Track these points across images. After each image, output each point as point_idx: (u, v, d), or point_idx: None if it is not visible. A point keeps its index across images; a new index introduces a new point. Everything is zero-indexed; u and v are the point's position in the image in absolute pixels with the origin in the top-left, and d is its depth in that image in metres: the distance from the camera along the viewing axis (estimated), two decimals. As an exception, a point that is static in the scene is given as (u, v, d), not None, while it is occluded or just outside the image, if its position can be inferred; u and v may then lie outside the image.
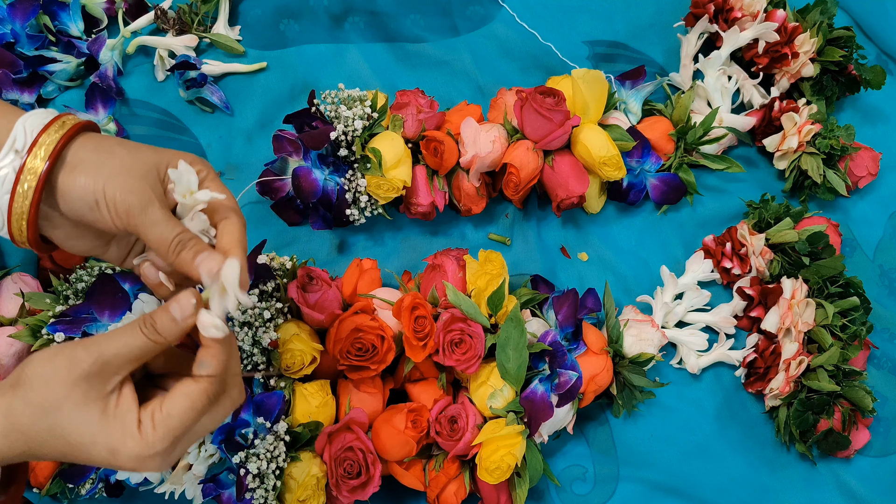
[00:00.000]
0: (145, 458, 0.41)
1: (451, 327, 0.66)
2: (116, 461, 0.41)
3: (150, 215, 0.44)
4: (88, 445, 0.40)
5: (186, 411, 0.42)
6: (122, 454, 0.41)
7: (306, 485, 0.62)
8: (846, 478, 0.76)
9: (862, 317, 0.75)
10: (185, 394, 0.42)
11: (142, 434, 0.41)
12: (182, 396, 0.42)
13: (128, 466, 0.41)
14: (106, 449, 0.41)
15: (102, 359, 0.41)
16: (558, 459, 0.75)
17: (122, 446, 0.40)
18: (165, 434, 0.41)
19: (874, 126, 0.87)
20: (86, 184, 0.43)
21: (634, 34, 0.87)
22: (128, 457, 0.41)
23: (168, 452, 0.42)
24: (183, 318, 0.42)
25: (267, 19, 0.82)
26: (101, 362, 0.40)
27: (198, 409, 0.42)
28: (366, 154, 0.70)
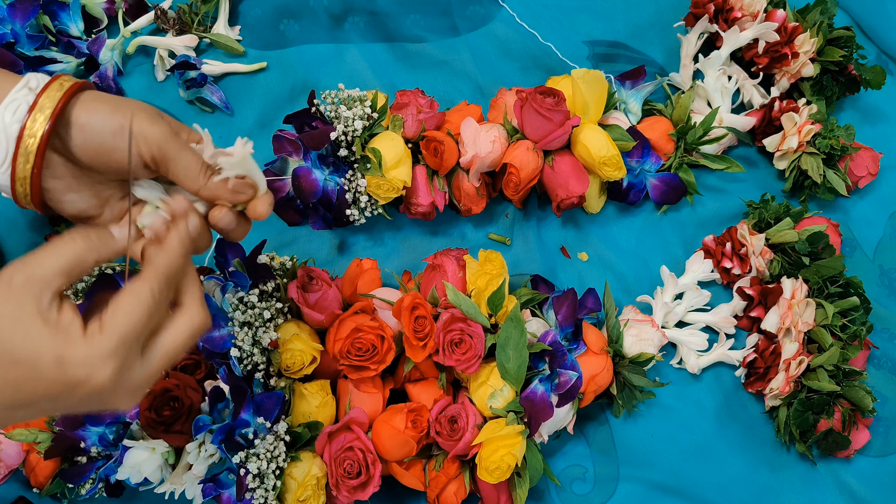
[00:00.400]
0: (95, 361, 0.38)
1: (451, 327, 0.66)
2: (66, 372, 0.38)
3: (180, 140, 0.44)
4: (34, 360, 0.38)
5: (132, 306, 0.40)
6: (70, 361, 0.38)
7: (306, 485, 0.62)
8: (846, 478, 0.76)
9: (862, 317, 0.75)
10: (130, 290, 0.41)
11: (87, 337, 0.39)
12: (127, 294, 0.41)
13: (79, 375, 0.38)
14: (53, 359, 0.38)
15: (30, 271, 0.39)
16: (558, 459, 0.75)
17: (67, 353, 0.38)
18: (112, 333, 0.39)
19: (874, 126, 0.87)
20: (111, 112, 0.44)
21: (634, 34, 0.87)
22: (76, 363, 0.38)
23: (118, 354, 0.39)
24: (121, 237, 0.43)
25: (267, 19, 0.82)
26: (29, 275, 0.39)
27: (144, 302, 0.40)
28: (366, 154, 0.70)
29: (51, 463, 0.65)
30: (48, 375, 0.38)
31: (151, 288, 0.41)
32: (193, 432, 0.61)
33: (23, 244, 0.73)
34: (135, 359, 0.41)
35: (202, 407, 0.63)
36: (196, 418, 0.62)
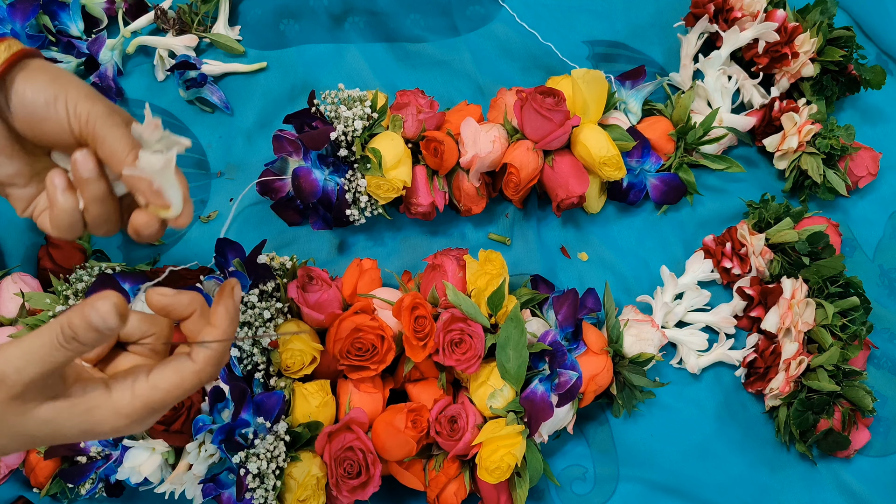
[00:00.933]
0: (121, 427, 0.39)
1: (451, 327, 0.66)
2: (93, 435, 0.39)
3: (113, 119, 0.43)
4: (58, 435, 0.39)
5: (174, 388, 0.40)
6: (96, 429, 0.39)
7: (306, 485, 0.62)
8: (846, 478, 0.76)
9: (862, 317, 0.75)
10: (178, 370, 0.40)
11: (115, 402, 0.39)
12: (174, 372, 0.40)
13: (105, 434, 0.40)
14: (78, 431, 0.39)
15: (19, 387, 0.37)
16: (558, 459, 0.75)
17: (93, 423, 0.39)
18: (145, 405, 0.39)
19: (874, 126, 0.87)
20: (50, 81, 0.43)
21: (634, 34, 0.87)
22: (102, 429, 0.39)
23: (143, 421, 0.40)
24: (106, 327, 0.37)
25: (267, 19, 0.82)
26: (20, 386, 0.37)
27: (185, 388, 0.40)
28: (366, 154, 0.70)
29: (51, 463, 0.65)
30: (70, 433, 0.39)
31: (201, 380, 0.41)
32: (193, 432, 0.61)
33: (23, 244, 0.73)
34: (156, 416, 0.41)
35: (202, 407, 0.63)
36: (196, 418, 0.62)
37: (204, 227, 0.77)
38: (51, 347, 0.37)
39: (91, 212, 0.45)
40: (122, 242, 0.76)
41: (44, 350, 0.37)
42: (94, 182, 0.44)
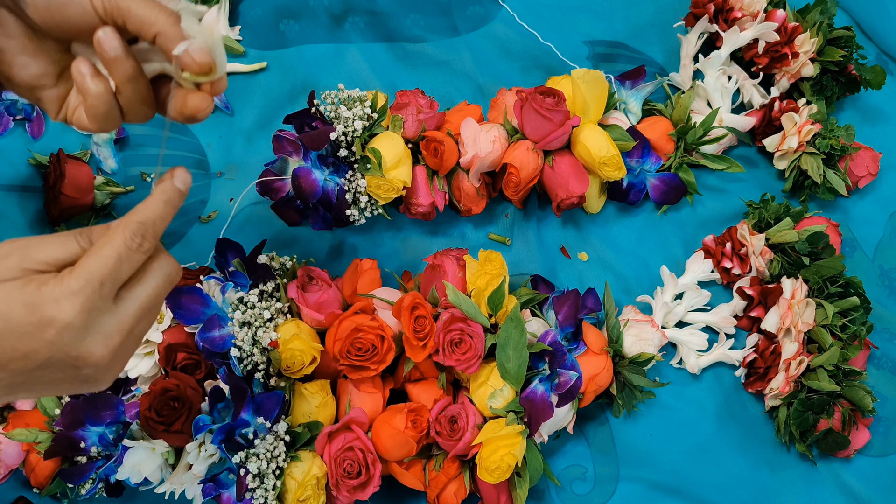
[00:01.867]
0: (61, 298, 0.38)
1: (451, 327, 0.66)
2: (34, 314, 0.38)
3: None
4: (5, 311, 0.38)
5: (104, 251, 0.40)
6: (38, 302, 0.38)
7: (306, 485, 0.62)
8: (846, 478, 0.76)
9: (862, 317, 0.74)
10: (108, 237, 0.41)
11: (59, 277, 0.39)
12: (105, 239, 0.40)
13: (46, 313, 0.38)
14: (23, 306, 0.38)
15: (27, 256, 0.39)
16: (558, 459, 0.75)
17: (37, 295, 0.38)
18: (82, 272, 0.39)
19: (874, 126, 0.87)
20: None
21: (634, 34, 0.87)
22: (44, 301, 0.38)
23: (84, 292, 0.39)
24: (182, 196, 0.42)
25: (267, 19, 0.82)
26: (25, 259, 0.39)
27: (117, 248, 0.40)
28: (366, 154, 0.70)
29: (51, 463, 0.65)
30: (18, 323, 0.38)
31: (124, 234, 0.40)
32: (193, 432, 0.61)
33: (23, 244, 0.73)
34: (104, 303, 0.40)
35: (202, 407, 0.63)
36: (196, 418, 0.62)
37: (204, 227, 0.77)
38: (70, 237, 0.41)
39: (125, 93, 0.44)
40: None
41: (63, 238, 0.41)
42: (122, 60, 0.42)
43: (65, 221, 0.74)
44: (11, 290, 0.38)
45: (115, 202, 0.77)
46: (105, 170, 0.77)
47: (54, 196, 0.72)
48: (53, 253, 0.40)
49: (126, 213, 0.42)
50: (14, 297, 0.38)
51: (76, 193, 0.72)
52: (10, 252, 0.39)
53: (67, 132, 0.78)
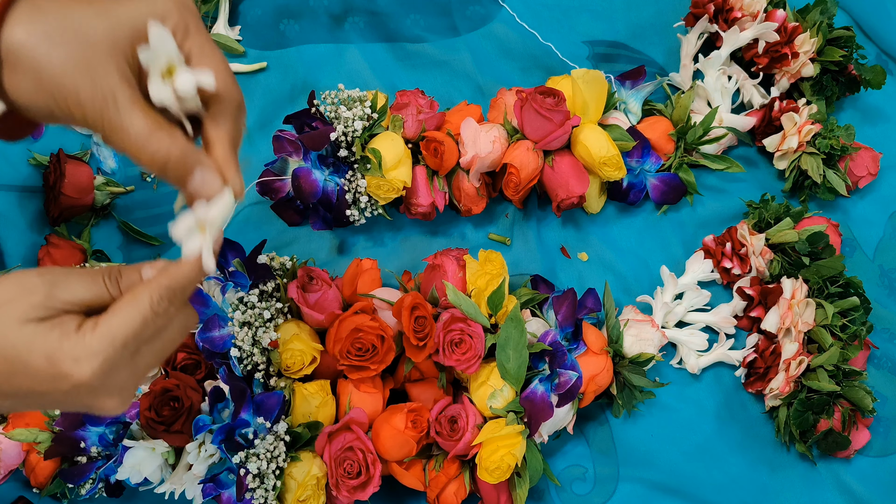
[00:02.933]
0: (80, 358, 0.37)
1: (451, 327, 0.66)
2: (53, 366, 0.37)
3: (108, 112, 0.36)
4: (24, 356, 0.37)
5: (130, 313, 0.39)
6: (58, 356, 0.37)
7: (306, 485, 0.62)
8: (846, 478, 0.76)
9: (862, 317, 0.74)
10: (133, 296, 0.39)
11: (79, 333, 0.38)
12: (129, 298, 0.39)
13: (64, 369, 0.37)
14: (43, 355, 0.37)
15: (52, 294, 0.38)
16: (558, 459, 0.75)
17: (58, 349, 0.37)
18: (104, 334, 0.38)
19: (874, 126, 0.87)
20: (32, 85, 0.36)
21: (634, 34, 0.87)
22: (63, 358, 0.37)
23: (108, 356, 0.38)
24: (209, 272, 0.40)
25: (267, 19, 0.82)
26: (49, 297, 0.38)
27: (142, 312, 0.39)
28: (366, 155, 0.70)
29: (51, 463, 0.65)
30: (36, 370, 0.38)
31: (151, 297, 0.39)
32: (193, 432, 0.61)
33: (23, 244, 0.73)
34: (123, 361, 0.39)
35: (202, 407, 0.63)
36: (196, 418, 0.62)
37: (204, 227, 0.77)
38: (98, 278, 0.40)
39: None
40: (122, 242, 0.77)
41: (89, 278, 0.40)
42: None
43: (65, 221, 0.74)
44: (34, 335, 0.38)
45: (115, 202, 0.77)
46: (105, 170, 0.77)
47: (54, 196, 0.72)
48: (80, 294, 0.39)
49: (159, 271, 0.40)
50: (36, 343, 0.38)
51: (76, 193, 0.72)
52: (35, 288, 0.39)
53: (67, 132, 0.78)
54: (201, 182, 0.40)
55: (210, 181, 0.40)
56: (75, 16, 0.37)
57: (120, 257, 0.75)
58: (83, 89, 0.36)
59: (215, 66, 0.40)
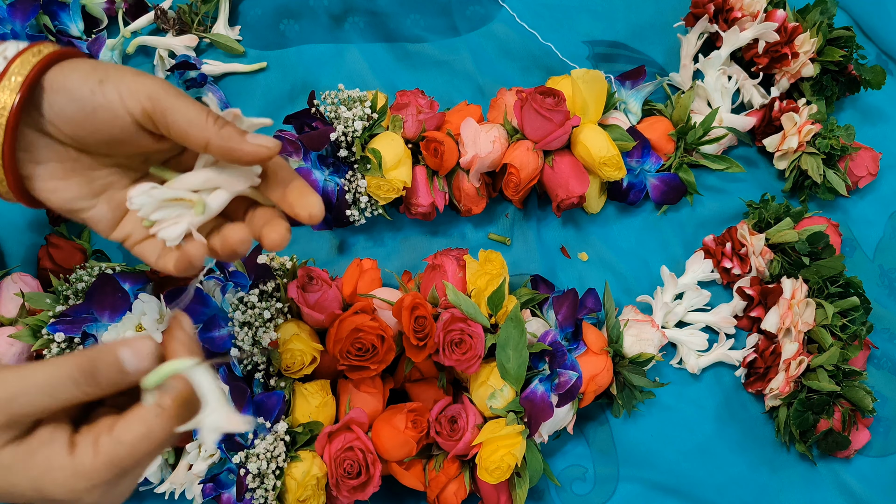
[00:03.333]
0: (80, 490, 0.33)
1: (451, 327, 0.66)
2: (45, 496, 0.33)
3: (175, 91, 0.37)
4: (9, 488, 0.33)
5: (140, 441, 0.33)
6: (50, 489, 0.33)
7: (306, 485, 0.62)
8: (846, 478, 0.76)
9: (862, 317, 0.75)
10: (142, 419, 0.34)
11: (75, 460, 0.33)
12: (139, 422, 0.34)
13: (61, 499, 0.33)
14: (30, 488, 0.33)
15: (12, 413, 0.32)
16: (558, 459, 0.75)
17: (47, 481, 0.33)
18: (109, 464, 0.33)
19: (874, 126, 0.87)
20: (90, 69, 0.37)
21: (634, 34, 0.87)
22: (57, 490, 0.33)
23: (109, 486, 0.34)
24: (136, 371, 0.33)
25: (267, 19, 0.82)
26: (11, 416, 0.33)
27: (154, 439, 0.34)
28: (366, 155, 0.70)
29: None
30: (25, 499, 0.34)
31: (171, 427, 0.34)
32: (193, 433, 0.61)
33: (23, 244, 0.73)
34: (125, 480, 0.35)
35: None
36: (196, 418, 0.62)
37: (204, 227, 0.77)
38: (65, 380, 0.33)
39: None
40: (122, 242, 0.76)
41: (54, 381, 0.33)
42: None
43: (65, 221, 0.74)
44: (13, 461, 0.33)
45: (115, 202, 0.77)
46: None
47: (54, 196, 0.72)
48: (45, 403, 0.33)
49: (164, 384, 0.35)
50: (19, 472, 0.33)
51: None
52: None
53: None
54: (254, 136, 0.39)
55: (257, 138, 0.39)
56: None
57: (120, 257, 0.75)
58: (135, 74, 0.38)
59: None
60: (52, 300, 0.64)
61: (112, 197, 0.42)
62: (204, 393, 0.34)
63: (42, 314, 0.63)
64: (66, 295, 0.64)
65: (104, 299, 0.62)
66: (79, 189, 0.41)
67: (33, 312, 0.65)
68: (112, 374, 0.33)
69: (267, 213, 0.42)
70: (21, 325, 0.64)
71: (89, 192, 0.41)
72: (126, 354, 0.33)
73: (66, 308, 0.63)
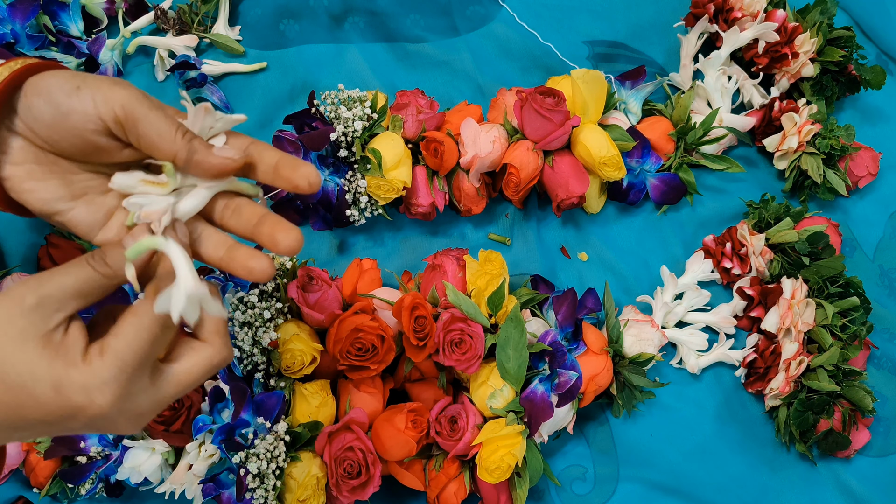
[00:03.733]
0: (92, 388, 0.36)
1: (451, 327, 0.66)
2: (63, 398, 0.36)
3: (150, 103, 0.38)
4: (30, 385, 0.35)
5: (135, 331, 0.37)
6: (67, 387, 0.36)
7: (306, 485, 0.62)
8: (846, 478, 0.76)
9: (862, 317, 0.75)
10: (134, 312, 0.37)
11: (86, 361, 0.36)
12: (130, 314, 0.38)
13: (77, 401, 0.36)
14: (49, 385, 0.35)
15: (43, 292, 0.36)
16: (558, 459, 0.75)
17: (66, 378, 0.36)
18: (113, 358, 0.36)
19: (874, 126, 0.87)
20: (68, 76, 0.38)
21: (634, 34, 0.87)
22: (74, 389, 0.36)
23: (119, 382, 0.36)
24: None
25: (267, 19, 0.82)
26: (42, 296, 0.36)
27: (145, 327, 0.37)
28: (366, 155, 0.70)
29: (51, 463, 0.65)
30: (45, 401, 0.36)
31: (153, 312, 0.38)
32: (193, 432, 0.61)
33: (23, 244, 0.73)
34: (140, 384, 0.38)
35: (202, 407, 0.63)
36: (196, 418, 0.62)
37: (204, 227, 0.77)
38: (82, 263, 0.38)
39: None
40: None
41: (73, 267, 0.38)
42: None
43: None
44: (37, 361, 0.36)
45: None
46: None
47: (54, 196, 0.72)
48: (69, 283, 0.37)
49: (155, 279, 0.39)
50: (41, 371, 0.36)
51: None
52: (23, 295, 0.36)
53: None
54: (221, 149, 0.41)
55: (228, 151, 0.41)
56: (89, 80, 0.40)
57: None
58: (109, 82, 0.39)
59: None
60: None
61: (93, 200, 0.43)
62: (176, 266, 0.38)
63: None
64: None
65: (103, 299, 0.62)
66: (57, 190, 0.42)
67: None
68: (119, 255, 0.39)
69: (271, 218, 0.43)
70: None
71: (68, 194, 0.42)
72: (128, 240, 0.39)
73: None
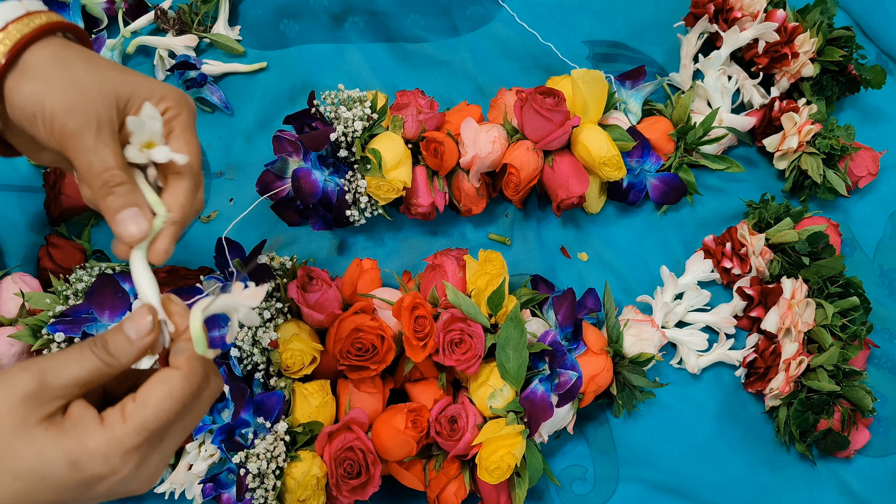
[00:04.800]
0: (114, 456, 0.34)
1: (451, 327, 0.66)
2: (81, 472, 0.34)
3: (83, 139, 0.39)
4: (41, 468, 0.34)
5: (164, 400, 0.36)
6: (85, 461, 0.34)
7: (306, 485, 0.62)
8: (846, 478, 0.76)
9: (862, 317, 0.75)
10: (163, 380, 0.36)
11: (106, 427, 0.35)
12: (159, 383, 0.36)
13: (97, 471, 0.34)
14: (64, 463, 0.34)
15: (44, 381, 0.35)
16: (558, 459, 0.75)
17: (83, 452, 0.34)
18: (138, 427, 0.35)
19: (874, 126, 0.87)
20: (30, 93, 0.39)
21: (634, 34, 0.87)
22: (93, 460, 0.34)
23: (143, 451, 0.35)
24: (139, 338, 0.37)
25: (267, 19, 0.82)
26: (43, 385, 0.35)
27: (177, 398, 0.36)
28: (366, 155, 0.70)
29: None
30: (61, 480, 0.34)
31: (191, 384, 0.37)
32: (193, 432, 0.61)
33: (23, 244, 0.73)
34: (156, 448, 0.37)
35: (202, 407, 0.63)
36: (196, 418, 0.62)
37: (204, 227, 0.77)
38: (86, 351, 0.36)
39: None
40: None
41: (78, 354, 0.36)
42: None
43: (64, 221, 0.74)
44: (45, 442, 0.34)
45: (115, 202, 0.77)
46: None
47: (54, 196, 0.72)
48: (75, 373, 0.36)
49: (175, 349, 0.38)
50: (51, 452, 0.34)
51: (76, 193, 0.72)
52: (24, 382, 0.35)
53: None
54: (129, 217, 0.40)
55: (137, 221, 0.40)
56: (95, 60, 0.41)
57: (120, 257, 0.75)
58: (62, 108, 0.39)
59: (191, 152, 0.42)
60: (52, 300, 0.64)
61: None
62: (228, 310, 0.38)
63: (42, 314, 0.63)
64: (66, 295, 0.64)
65: (104, 299, 0.62)
66: (59, 159, 0.45)
67: (33, 312, 0.65)
68: (121, 343, 0.37)
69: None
70: (21, 325, 0.64)
71: (64, 159, 0.44)
72: (129, 326, 0.37)
73: (66, 308, 0.63)
